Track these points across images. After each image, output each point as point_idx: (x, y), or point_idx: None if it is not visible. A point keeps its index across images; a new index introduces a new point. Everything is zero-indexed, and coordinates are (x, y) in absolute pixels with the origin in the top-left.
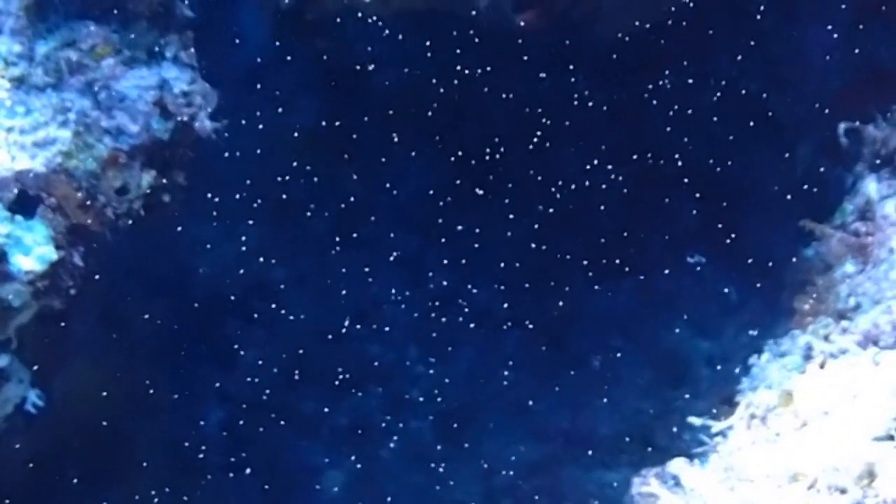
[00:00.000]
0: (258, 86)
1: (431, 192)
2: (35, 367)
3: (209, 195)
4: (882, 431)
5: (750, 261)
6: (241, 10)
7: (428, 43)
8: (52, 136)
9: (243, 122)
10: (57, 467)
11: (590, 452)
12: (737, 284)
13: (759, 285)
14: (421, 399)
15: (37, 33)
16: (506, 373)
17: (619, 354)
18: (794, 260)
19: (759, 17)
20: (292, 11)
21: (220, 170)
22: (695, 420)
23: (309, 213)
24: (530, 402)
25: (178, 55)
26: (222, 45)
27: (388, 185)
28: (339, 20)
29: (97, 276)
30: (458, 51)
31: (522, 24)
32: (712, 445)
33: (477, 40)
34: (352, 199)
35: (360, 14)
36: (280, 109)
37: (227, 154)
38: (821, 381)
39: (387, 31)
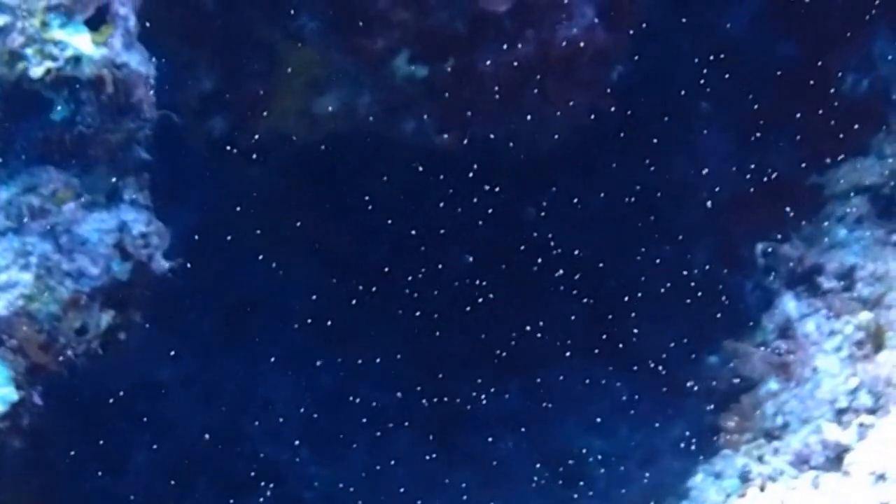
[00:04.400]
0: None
1: (321, 291)
2: None
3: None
4: None
5: (642, 361)
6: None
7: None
8: (13, 279)
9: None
10: None
11: None
12: (628, 384)
13: (651, 385)
14: (315, 500)
15: None
16: (399, 472)
17: (511, 453)
18: (694, 365)
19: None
20: (224, 140)
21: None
22: None
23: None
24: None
25: (135, 197)
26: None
27: (281, 284)
28: (270, 146)
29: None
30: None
31: (443, 144)
32: None
33: (402, 159)
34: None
35: (291, 139)
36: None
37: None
38: None
39: (316, 155)
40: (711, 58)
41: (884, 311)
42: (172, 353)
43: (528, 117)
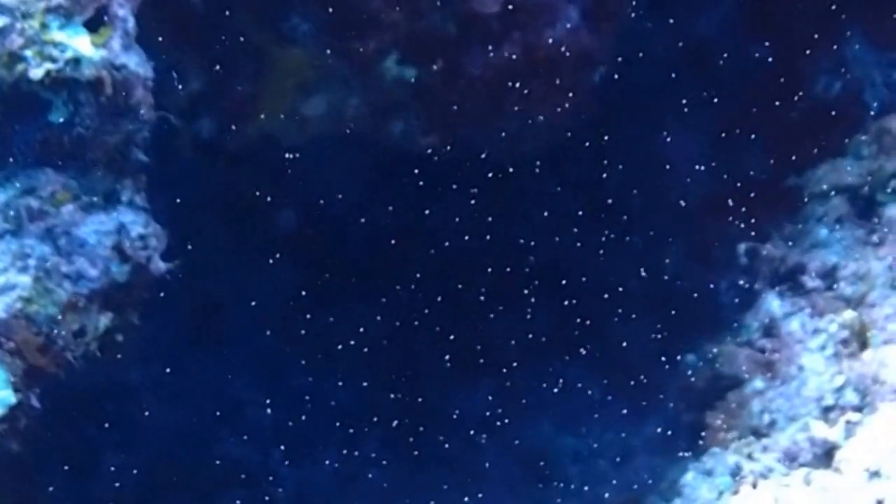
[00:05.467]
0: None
1: (299, 291)
2: None
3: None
4: None
5: (615, 360)
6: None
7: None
8: (12, 281)
9: None
10: None
11: None
12: (600, 382)
13: (624, 384)
14: (287, 500)
15: None
16: (372, 472)
17: (485, 454)
18: (679, 364)
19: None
20: (213, 142)
21: None
22: None
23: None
24: None
25: (133, 199)
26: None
27: (249, 287)
28: (259, 148)
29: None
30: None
31: (428, 147)
32: None
33: (388, 162)
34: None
35: (279, 141)
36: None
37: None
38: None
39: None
40: (688, 60)
41: (867, 310)
42: (161, 355)
43: (513, 119)
